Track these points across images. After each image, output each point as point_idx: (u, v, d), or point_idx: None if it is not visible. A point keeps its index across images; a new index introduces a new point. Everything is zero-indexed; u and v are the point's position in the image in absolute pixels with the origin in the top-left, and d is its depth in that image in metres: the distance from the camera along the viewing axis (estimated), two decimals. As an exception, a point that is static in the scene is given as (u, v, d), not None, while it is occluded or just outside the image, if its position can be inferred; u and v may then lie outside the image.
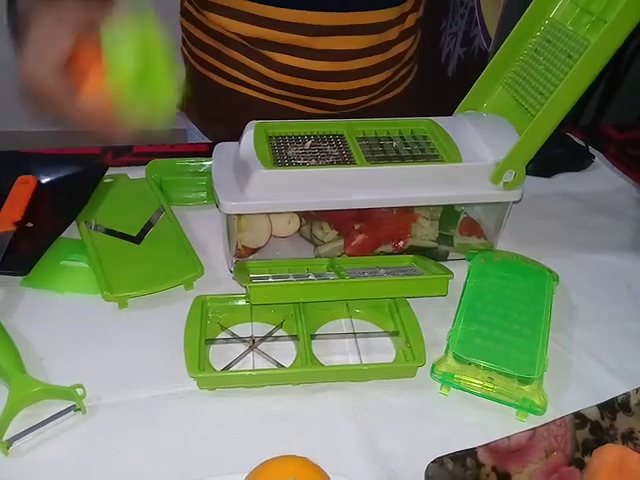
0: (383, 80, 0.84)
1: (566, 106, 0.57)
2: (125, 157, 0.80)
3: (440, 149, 0.62)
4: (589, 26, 0.58)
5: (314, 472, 0.39)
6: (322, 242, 0.64)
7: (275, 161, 0.59)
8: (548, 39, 0.62)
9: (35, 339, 0.55)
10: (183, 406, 0.51)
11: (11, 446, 0.47)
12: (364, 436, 0.49)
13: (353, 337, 0.57)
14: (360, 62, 0.79)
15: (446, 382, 0.53)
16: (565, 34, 0.60)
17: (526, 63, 0.64)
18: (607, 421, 0.49)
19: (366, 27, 0.77)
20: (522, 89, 0.63)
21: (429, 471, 0.45)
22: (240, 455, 0.47)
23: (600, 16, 0.57)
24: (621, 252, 0.70)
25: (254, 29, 0.76)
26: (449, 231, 0.66)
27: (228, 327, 0.57)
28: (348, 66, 0.79)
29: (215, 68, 0.83)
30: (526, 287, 0.60)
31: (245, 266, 0.60)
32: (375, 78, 0.83)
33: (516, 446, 0.47)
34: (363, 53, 0.79)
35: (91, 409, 0.50)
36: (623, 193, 0.80)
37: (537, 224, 0.73)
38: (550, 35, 0.62)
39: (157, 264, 0.62)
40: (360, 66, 0.80)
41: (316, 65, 0.78)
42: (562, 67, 0.59)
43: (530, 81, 0.62)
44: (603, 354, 0.57)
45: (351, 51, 0.78)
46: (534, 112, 0.60)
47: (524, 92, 0.63)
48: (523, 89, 0.63)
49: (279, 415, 0.51)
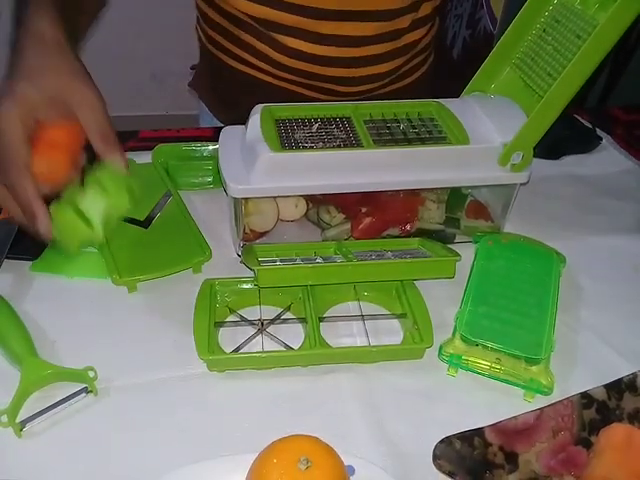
0: (393, 68, 0.83)
1: (574, 87, 0.57)
2: (131, 142, 0.80)
3: (447, 131, 0.62)
4: (598, 5, 0.58)
5: (326, 452, 0.40)
6: (329, 225, 0.64)
7: (282, 144, 0.59)
8: (557, 19, 0.62)
9: (46, 323, 0.56)
10: (193, 388, 0.52)
11: (24, 428, 0.48)
12: (372, 417, 0.50)
13: (361, 319, 0.57)
14: (369, 49, 0.79)
15: (454, 363, 0.53)
16: (574, 13, 0.59)
17: (534, 43, 0.63)
18: (614, 401, 0.50)
19: (375, 14, 0.76)
20: (530, 70, 0.63)
21: (437, 450, 0.46)
22: (250, 435, 0.48)
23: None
24: (628, 234, 0.70)
25: (264, 10, 0.75)
26: (456, 214, 0.66)
27: (237, 310, 0.58)
28: (357, 52, 0.78)
29: (226, 49, 0.83)
30: (533, 269, 0.60)
31: (253, 249, 0.60)
32: (385, 66, 0.82)
33: (523, 426, 0.48)
34: (372, 40, 0.78)
35: (103, 391, 0.51)
36: (630, 175, 0.79)
37: (544, 206, 0.73)
38: (559, 15, 0.61)
39: (165, 248, 0.62)
40: (369, 53, 0.79)
41: (323, 50, 0.77)
42: (571, 47, 0.58)
43: (538, 62, 0.62)
44: (609, 335, 0.58)
45: (359, 37, 0.77)
46: (542, 93, 0.60)
47: (532, 73, 0.63)
48: (531, 70, 0.63)
49: (288, 397, 0.51)
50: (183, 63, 2.49)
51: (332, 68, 0.79)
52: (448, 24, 1.80)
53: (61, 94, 0.52)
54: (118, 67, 2.12)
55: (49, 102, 0.51)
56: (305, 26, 0.76)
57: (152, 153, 0.74)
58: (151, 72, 2.16)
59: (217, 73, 0.87)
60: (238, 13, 0.78)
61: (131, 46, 2.07)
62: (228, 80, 0.86)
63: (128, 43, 2.06)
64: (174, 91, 2.21)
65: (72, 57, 0.54)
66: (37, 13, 0.54)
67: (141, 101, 2.19)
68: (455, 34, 1.77)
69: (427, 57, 0.91)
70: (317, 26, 0.76)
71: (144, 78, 2.17)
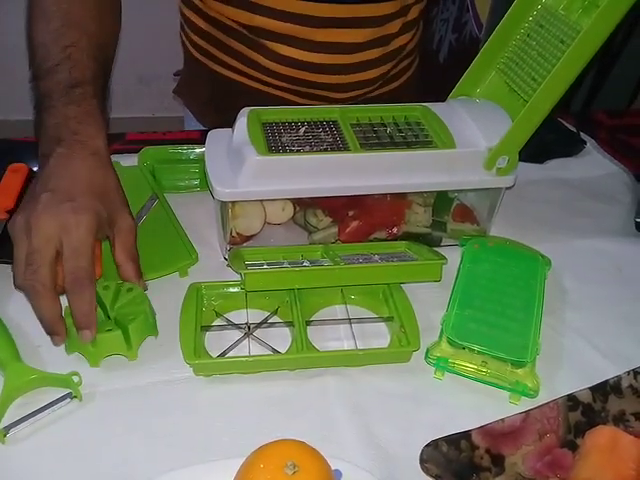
0: (383, 73, 0.83)
1: (559, 91, 0.58)
2: (117, 144, 0.79)
3: (434, 135, 0.62)
4: (581, 11, 0.58)
5: (312, 456, 0.40)
6: (316, 229, 0.64)
7: (269, 148, 0.59)
8: (541, 24, 0.62)
9: (30, 327, 0.55)
10: (179, 393, 0.51)
11: (8, 434, 0.47)
12: (360, 420, 0.50)
13: (348, 323, 0.57)
14: (361, 55, 0.79)
15: (440, 366, 0.53)
16: (557, 19, 0.60)
17: (519, 48, 0.64)
18: (599, 403, 0.50)
19: (367, 20, 0.76)
20: (515, 74, 0.63)
21: (424, 454, 0.46)
22: (237, 440, 0.48)
23: (592, 1, 0.57)
24: (612, 237, 0.70)
25: (255, 18, 0.75)
26: (442, 217, 0.67)
27: (223, 314, 0.58)
28: (349, 59, 0.79)
29: (213, 56, 0.83)
30: (519, 272, 0.61)
31: (240, 253, 0.60)
32: (375, 71, 0.82)
33: (510, 428, 0.48)
34: (364, 47, 0.78)
35: (87, 396, 0.50)
36: (614, 178, 0.80)
37: (529, 210, 0.73)
38: (542, 20, 0.62)
39: (151, 251, 0.62)
40: (361, 59, 0.79)
41: (316, 57, 0.77)
42: (555, 52, 0.59)
43: (523, 66, 0.63)
44: (595, 337, 0.58)
45: (352, 44, 0.77)
46: (527, 97, 0.61)
47: (517, 77, 0.63)
48: (516, 74, 0.63)
49: (275, 401, 0.51)
50: (170, 66, 2.49)
51: (323, 75, 0.79)
52: (435, 28, 1.81)
53: (111, 216, 0.55)
54: (104, 69, 2.11)
55: (107, 222, 0.54)
56: (298, 34, 0.75)
57: (138, 156, 0.73)
58: (137, 75, 2.15)
59: (203, 80, 0.86)
60: (226, 20, 0.77)
61: (118, 49, 2.06)
62: (214, 87, 0.85)
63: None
64: (161, 94, 2.21)
65: (115, 173, 0.58)
66: (87, 119, 0.56)
67: (128, 103, 2.18)
68: (441, 38, 1.78)
69: (413, 61, 0.91)
70: (310, 33, 0.75)
71: (131, 81, 2.16)
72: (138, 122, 2.13)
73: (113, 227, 0.55)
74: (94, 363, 0.52)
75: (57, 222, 0.51)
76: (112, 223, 0.55)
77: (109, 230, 0.55)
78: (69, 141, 0.55)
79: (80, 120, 0.56)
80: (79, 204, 0.52)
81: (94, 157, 0.56)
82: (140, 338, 0.53)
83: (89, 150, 0.55)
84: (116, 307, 0.53)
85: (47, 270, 0.50)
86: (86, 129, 0.56)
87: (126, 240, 0.56)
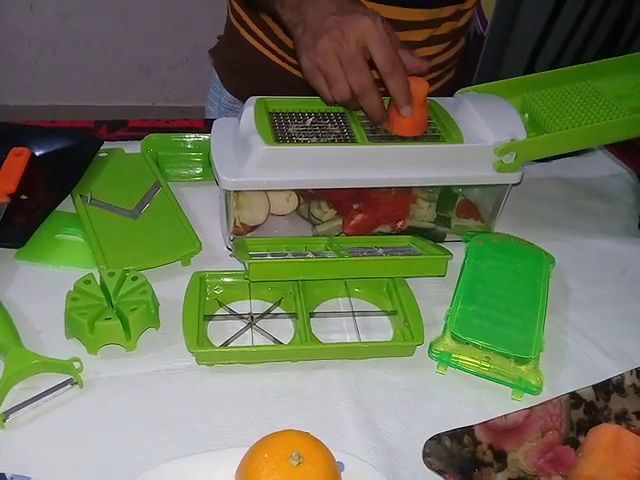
0: None
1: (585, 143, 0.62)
2: (120, 131, 0.79)
3: (441, 129, 0.61)
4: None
5: (317, 447, 0.40)
6: (320, 221, 0.64)
7: (276, 137, 0.58)
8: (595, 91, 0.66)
9: (31, 313, 0.55)
10: (181, 381, 0.51)
11: (8, 419, 0.47)
12: (362, 413, 0.50)
13: (351, 316, 0.57)
14: None
15: (444, 361, 0.53)
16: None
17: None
18: (601, 402, 0.50)
19: (396, 23, 0.75)
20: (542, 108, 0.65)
21: (427, 448, 0.46)
22: (239, 430, 0.47)
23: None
24: (615, 236, 0.70)
25: None
26: (447, 213, 0.66)
27: (226, 304, 0.57)
28: None
29: (245, 24, 0.84)
30: (523, 269, 0.60)
31: (244, 243, 0.60)
32: None
33: (513, 424, 0.48)
34: None
35: (88, 383, 0.50)
36: (618, 179, 0.80)
37: (534, 208, 0.73)
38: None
39: (154, 239, 0.61)
40: None
41: None
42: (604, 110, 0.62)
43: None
44: (598, 336, 0.58)
45: None
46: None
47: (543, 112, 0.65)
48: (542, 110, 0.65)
49: (278, 391, 0.51)
50: (170, 55, 2.47)
51: None
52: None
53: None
54: (106, 58, 2.09)
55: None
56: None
57: (141, 143, 0.73)
58: (138, 63, 2.14)
59: (234, 45, 0.87)
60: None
61: (119, 38, 2.05)
62: (243, 55, 0.86)
63: (116, 35, 2.04)
64: (161, 83, 2.19)
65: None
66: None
67: (128, 92, 2.17)
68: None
69: (443, 75, 0.90)
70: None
71: (132, 69, 2.15)
72: (137, 111, 2.12)
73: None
74: (92, 351, 0.52)
75: (358, 27, 0.55)
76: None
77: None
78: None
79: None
80: (365, 11, 0.57)
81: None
82: (140, 329, 0.53)
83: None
84: (119, 295, 0.53)
85: (369, 69, 0.56)
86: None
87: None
